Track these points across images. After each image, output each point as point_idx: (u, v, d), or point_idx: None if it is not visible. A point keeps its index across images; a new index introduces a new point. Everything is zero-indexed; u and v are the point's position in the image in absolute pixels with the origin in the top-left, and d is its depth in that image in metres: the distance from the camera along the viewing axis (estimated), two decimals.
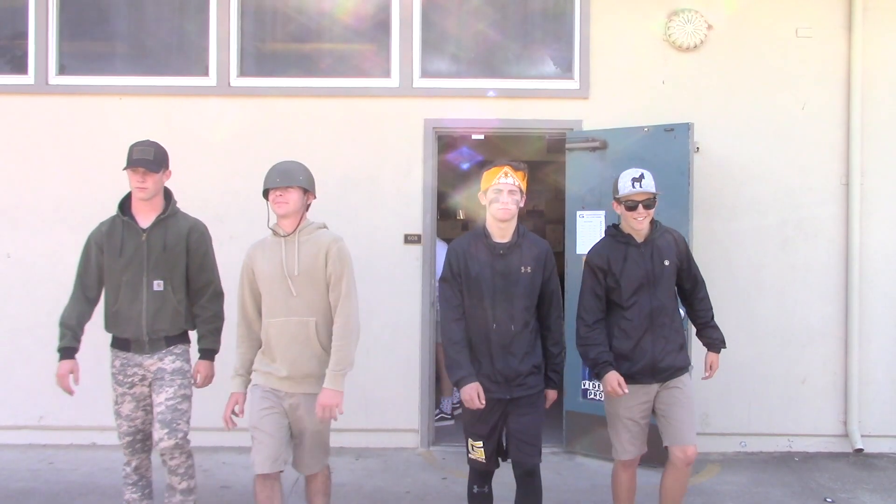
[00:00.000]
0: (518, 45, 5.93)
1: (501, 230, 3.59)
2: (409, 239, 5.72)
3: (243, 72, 5.81)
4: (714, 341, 3.98)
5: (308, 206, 3.67)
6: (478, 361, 3.56)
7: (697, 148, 5.43)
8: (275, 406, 3.52)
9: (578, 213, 5.55)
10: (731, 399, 5.67)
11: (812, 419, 5.69)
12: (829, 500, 4.79)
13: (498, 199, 3.54)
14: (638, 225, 3.78)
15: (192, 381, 3.90)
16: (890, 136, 5.69)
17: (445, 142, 7.30)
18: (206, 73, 5.79)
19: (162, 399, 3.74)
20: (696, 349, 4.40)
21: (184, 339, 3.92)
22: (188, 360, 3.93)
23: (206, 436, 5.42)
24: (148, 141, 3.87)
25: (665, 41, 5.69)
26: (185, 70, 5.85)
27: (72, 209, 5.72)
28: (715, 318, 4.03)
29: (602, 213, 5.41)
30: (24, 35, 5.83)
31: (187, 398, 3.83)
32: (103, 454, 5.42)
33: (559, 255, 6.59)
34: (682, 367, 3.82)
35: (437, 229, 5.97)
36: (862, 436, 5.61)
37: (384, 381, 5.70)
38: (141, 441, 3.91)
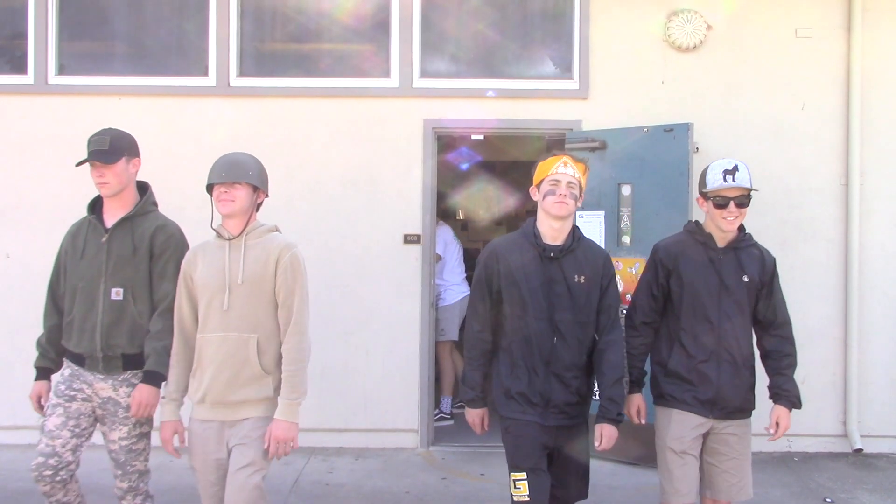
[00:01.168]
0: (517, 45, 5.94)
1: (554, 231, 3.12)
2: (409, 239, 5.72)
3: (243, 72, 5.81)
4: (786, 394, 3.26)
5: (258, 205, 3.20)
6: (517, 378, 3.10)
7: (697, 148, 5.43)
8: (218, 452, 3.06)
9: (578, 212, 5.54)
10: None
11: (811, 419, 5.68)
12: (828, 500, 4.79)
13: (554, 192, 3.07)
14: (727, 226, 3.20)
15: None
16: (889, 137, 5.69)
17: (445, 142, 7.30)
18: (205, 73, 5.79)
19: (115, 438, 3.28)
20: None
21: (144, 363, 3.33)
22: None
23: None
24: (105, 129, 3.39)
25: (664, 41, 5.69)
26: (184, 70, 5.85)
27: (71, 209, 5.65)
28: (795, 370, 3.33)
29: (601, 213, 5.41)
30: (24, 35, 5.83)
31: (145, 436, 3.35)
32: (102, 454, 5.38)
33: None
34: (747, 410, 3.28)
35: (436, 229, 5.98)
36: (861, 436, 5.61)
37: (384, 381, 5.70)
38: (53, 470, 3.19)
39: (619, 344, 3.17)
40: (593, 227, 5.43)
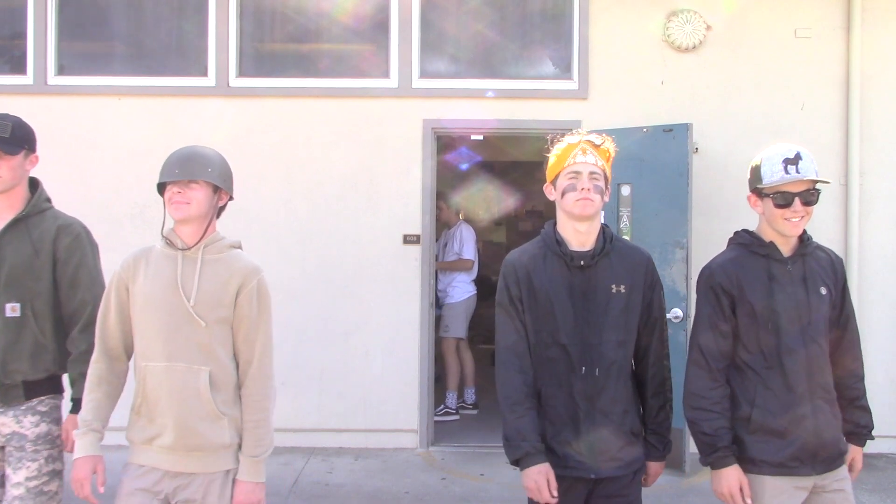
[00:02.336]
0: (517, 45, 5.94)
1: (580, 234, 2.55)
2: (408, 239, 5.71)
3: (242, 72, 5.80)
4: (859, 429, 2.71)
5: (220, 210, 2.65)
6: (550, 423, 2.49)
7: (696, 148, 5.43)
8: None
9: None
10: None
11: None
12: None
13: (574, 187, 2.50)
14: (792, 229, 2.50)
15: (63, 448, 2.83)
16: (889, 137, 5.69)
17: (444, 142, 7.31)
18: (204, 73, 5.78)
19: (21, 478, 2.72)
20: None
21: (52, 387, 2.84)
22: (59, 421, 2.84)
23: None
24: (5, 114, 2.87)
25: (664, 42, 5.69)
26: (184, 70, 5.85)
27: (70, 210, 5.64)
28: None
29: (601, 213, 5.40)
30: (23, 35, 5.82)
31: (57, 474, 2.81)
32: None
33: None
34: (844, 453, 2.63)
35: (436, 230, 5.98)
36: None
37: (383, 381, 5.70)
38: None
39: (666, 365, 2.63)
40: None
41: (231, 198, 2.71)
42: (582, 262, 2.52)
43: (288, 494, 4.78)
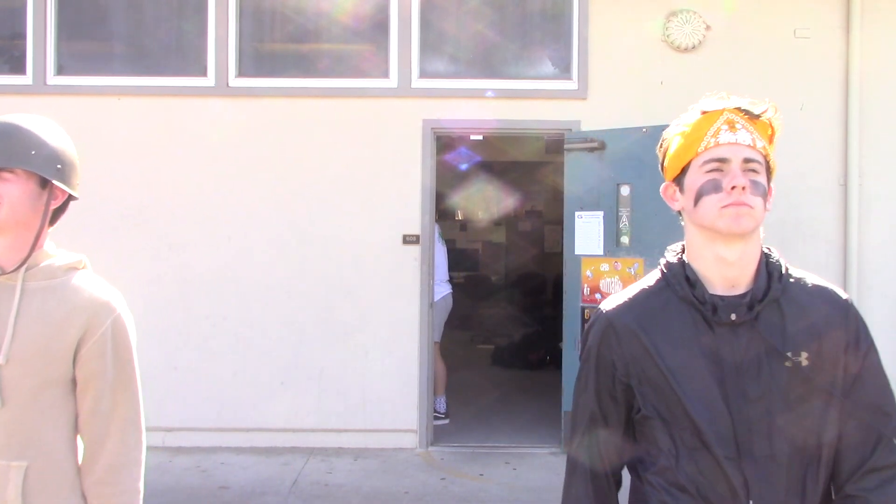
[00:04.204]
0: (516, 45, 5.94)
1: (727, 267, 1.55)
2: (408, 239, 5.72)
3: (242, 72, 5.80)
4: None
5: (55, 214, 1.79)
6: None
7: None
8: None
9: (577, 213, 5.55)
10: None
11: None
12: None
13: (718, 186, 1.53)
14: None
15: None
16: (888, 137, 5.69)
17: (444, 142, 7.31)
18: (204, 73, 5.78)
19: None
20: None
21: None
22: None
23: (205, 436, 5.44)
24: None
25: (663, 42, 5.69)
26: (183, 70, 5.84)
27: (69, 210, 5.71)
28: None
29: (601, 213, 5.41)
30: (23, 35, 5.82)
31: None
32: None
33: (557, 257, 6.66)
34: None
35: (434, 229, 5.98)
36: None
37: (382, 381, 5.70)
38: None
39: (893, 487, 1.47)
40: (592, 227, 5.43)
41: (73, 197, 1.80)
42: (733, 317, 1.50)
43: (287, 494, 4.78)
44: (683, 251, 1.65)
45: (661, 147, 1.78)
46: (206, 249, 5.65)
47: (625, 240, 5.35)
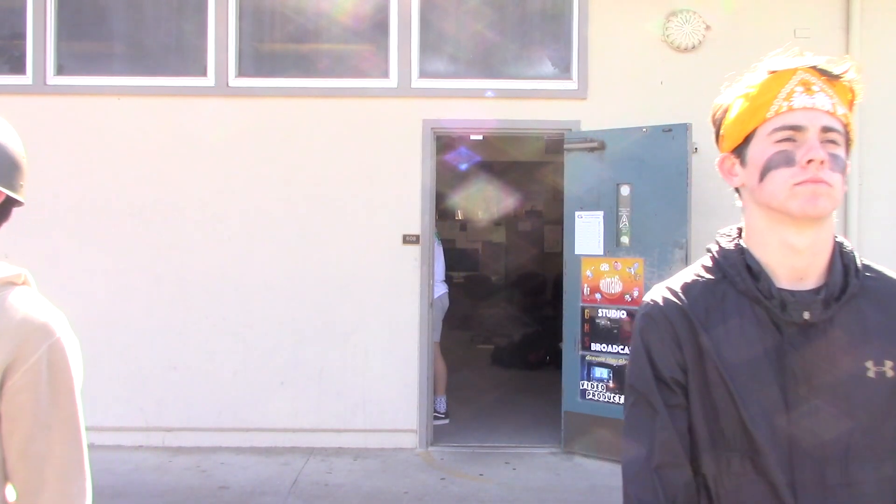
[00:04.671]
0: (516, 45, 5.94)
1: (796, 256, 1.32)
2: (408, 239, 5.72)
3: (241, 72, 5.80)
4: None
5: None
6: None
7: (696, 148, 5.43)
8: None
9: (577, 213, 5.55)
10: None
11: None
12: None
13: (791, 159, 1.28)
14: None
15: None
16: (888, 138, 5.70)
17: (444, 142, 7.31)
18: (204, 73, 5.78)
19: None
20: None
21: None
22: None
23: (205, 436, 5.44)
24: None
25: (663, 42, 5.69)
26: (183, 70, 5.84)
27: (69, 210, 5.71)
28: None
29: (600, 213, 5.41)
30: (23, 35, 5.82)
31: None
32: (100, 454, 5.39)
33: (557, 257, 6.65)
34: None
35: (434, 229, 5.98)
36: None
37: (382, 381, 5.70)
38: None
39: None
40: (592, 227, 5.44)
41: (18, 202, 1.59)
42: (806, 315, 1.27)
43: (287, 494, 4.78)
44: (740, 235, 1.41)
45: (714, 115, 1.49)
46: (206, 249, 5.65)
47: (625, 240, 5.36)
